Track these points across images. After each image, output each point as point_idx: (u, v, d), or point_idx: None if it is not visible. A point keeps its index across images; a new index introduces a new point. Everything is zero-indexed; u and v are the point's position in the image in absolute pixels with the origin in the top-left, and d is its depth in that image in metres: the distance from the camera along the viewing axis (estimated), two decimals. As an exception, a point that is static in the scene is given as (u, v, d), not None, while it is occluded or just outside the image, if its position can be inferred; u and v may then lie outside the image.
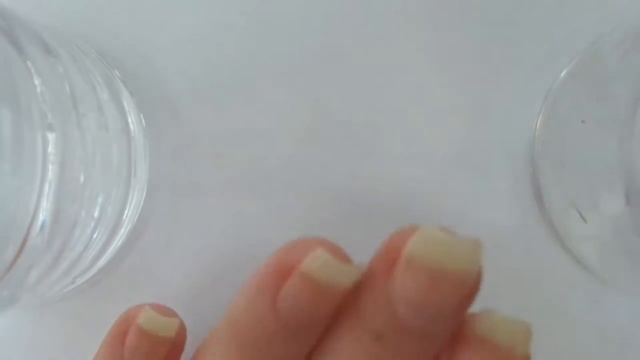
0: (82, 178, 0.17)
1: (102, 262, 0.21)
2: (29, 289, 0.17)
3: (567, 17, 0.21)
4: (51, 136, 0.15)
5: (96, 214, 0.18)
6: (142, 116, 0.21)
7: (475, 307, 0.20)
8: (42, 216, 0.15)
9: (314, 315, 0.16)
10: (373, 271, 0.17)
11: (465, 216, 0.21)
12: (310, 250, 0.16)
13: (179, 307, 0.20)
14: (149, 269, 0.21)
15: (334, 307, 0.17)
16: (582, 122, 0.18)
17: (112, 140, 0.19)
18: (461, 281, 0.15)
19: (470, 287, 0.16)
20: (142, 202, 0.21)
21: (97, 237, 0.19)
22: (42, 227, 0.15)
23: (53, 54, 0.16)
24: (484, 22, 0.21)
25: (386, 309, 0.16)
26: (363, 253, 0.21)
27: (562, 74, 0.20)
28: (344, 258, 0.17)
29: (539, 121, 0.21)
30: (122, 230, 0.21)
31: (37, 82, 0.15)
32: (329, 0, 0.21)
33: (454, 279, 0.15)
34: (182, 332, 0.19)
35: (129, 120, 0.20)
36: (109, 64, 0.21)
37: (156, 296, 0.21)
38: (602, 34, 0.20)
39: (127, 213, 0.20)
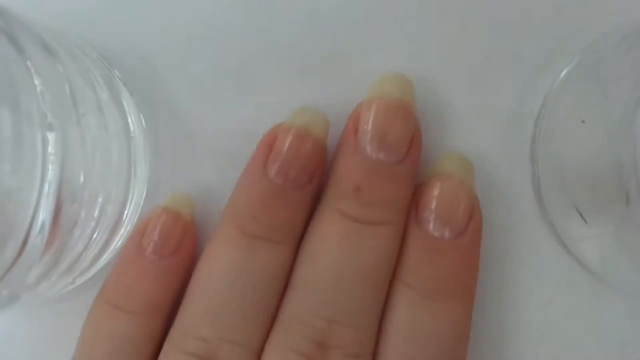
0: (82, 178, 0.17)
1: (102, 262, 0.21)
2: (29, 289, 0.17)
3: (567, 17, 0.21)
4: (51, 136, 0.15)
5: (96, 214, 0.18)
6: (142, 116, 0.21)
7: (477, 307, 0.20)
8: (42, 216, 0.15)
9: (297, 163, 0.19)
10: (343, 137, 0.20)
11: (465, 216, 0.21)
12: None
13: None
14: (149, 269, 0.21)
15: (315, 161, 0.19)
16: (582, 122, 0.18)
17: (112, 140, 0.19)
18: (411, 109, 0.19)
19: (415, 123, 0.19)
20: (142, 202, 0.21)
21: (97, 237, 0.19)
22: (42, 227, 0.15)
23: (53, 54, 0.16)
24: (484, 22, 0.21)
25: (357, 157, 0.19)
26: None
27: (562, 74, 0.20)
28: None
29: (539, 121, 0.21)
30: (122, 230, 0.21)
31: (37, 82, 0.15)
32: (329, 0, 0.21)
33: (407, 108, 0.19)
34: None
35: (129, 120, 0.20)
36: (109, 64, 0.21)
37: (156, 296, 0.21)
38: (602, 34, 0.20)
39: (127, 213, 0.20)
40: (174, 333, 0.19)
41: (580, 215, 0.18)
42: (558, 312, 0.21)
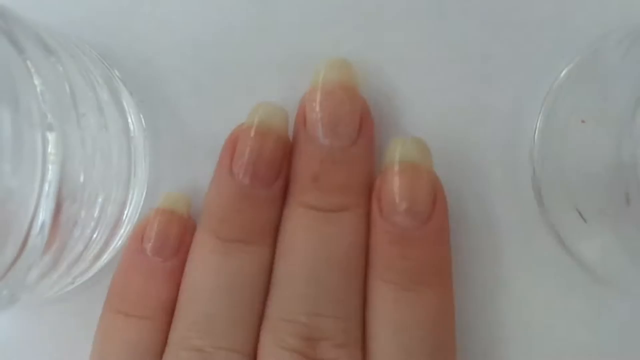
0: (82, 178, 0.17)
1: (102, 262, 0.21)
2: (29, 289, 0.17)
3: (567, 17, 0.21)
4: (51, 136, 0.15)
5: (96, 214, 0.18)
6: (142, 116, 0.21)
7: (477, 307, 0.20)
8: (42, 216, 0.15)
9: (262, 162, 0.19)
10: (294, 133, 0.20)
11: (466, 216, 0.21)
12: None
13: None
14: (149, 269, 0.21)
15: (280, 156, 0.19)
16: (582, 122, 0.18)
17: (112, 140, 0.19)
18: (354, 90, 0.19)
19: (362, 103, 0.19)
20: (142, 202, 0.21)
21: (97, 237, 0.19)
22: (42, 227, 0.15)
23: (53, 54, 0.16)
24: (484, 22, 0.21)
25: (309, 146, 0.19)
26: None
27: (562, 74, 0.20)
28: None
29: (539, 121, 0.21)
30: (122, 230, 0.21)
31: (37, 82, 0.15)
32: (329, 0, 0.21)
33: (349, 90, 0.19)
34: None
35: (129, 120, 0.20)
36: (109, 64, 0.21)
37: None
38: (602, 34, 0.20)
39: (127, 213, 0.20)
40: (169, 346, 0.19)
41: (580, 215, 0.18)
42: (558, 312, 0.21)
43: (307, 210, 0.19)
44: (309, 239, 0.19)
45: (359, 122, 0.19)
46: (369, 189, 0.19)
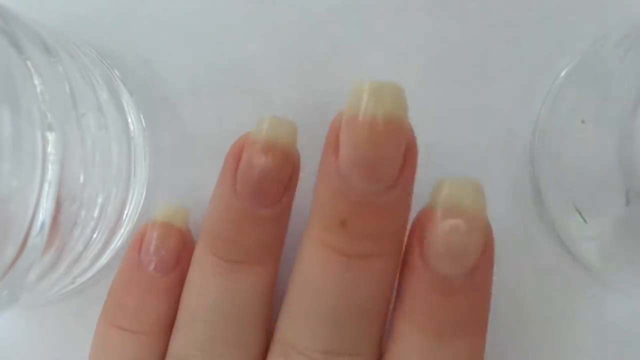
0: (82, 178, 0.17)
1: (102, 262, 0.21)
2: (29, 289, 0.17)
3: (567, 17, 0.21)
4: (51, 136, 0.15)
5: (96, 214, 0.18)
6: (142, 116, 0.21)
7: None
8: (42, 216, 0.15)
9: (268, 180, 0.17)
10: (324, 158, 0.17)
11: (465, 216, 0.21)
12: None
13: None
14: (149, 269, 0.21)
15: (286, 174, 0.17)
16: (582, 122, 0.18)
17: (112, 140, 0.19)
18: (400, 124, 0.16)
19: (409, 136, 0.16)
20: (142, 202, 0.21)
21: (97, 237, 0.19)
22: (42, 227, 0.15)
23: (53, 54, 0.16)
24: (484, 23, 0.21)
25: (340, 186, 0.16)
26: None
27: (562, 74, 0.20)
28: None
29: (539, 121, 0.21)
30: (122, 230, 0.21)
31: (37, 82, 0.15)
32: (329, 1, 0.21)
33: (395, 124, 0.16)
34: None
35: (129, 120, 0.20)
36: (109, 64, 0.21)
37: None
38: (602, 34, 0.20)
39: (127, 213, 0.20)
40: None
41: (580, 215, 0.18)
42: (558, 312, 0.21)
43: (332, 251, 0.17)
44: (329, 280, 0.17)
45: (402, 162, 0.16)
46: (403, 233, 0.17)
